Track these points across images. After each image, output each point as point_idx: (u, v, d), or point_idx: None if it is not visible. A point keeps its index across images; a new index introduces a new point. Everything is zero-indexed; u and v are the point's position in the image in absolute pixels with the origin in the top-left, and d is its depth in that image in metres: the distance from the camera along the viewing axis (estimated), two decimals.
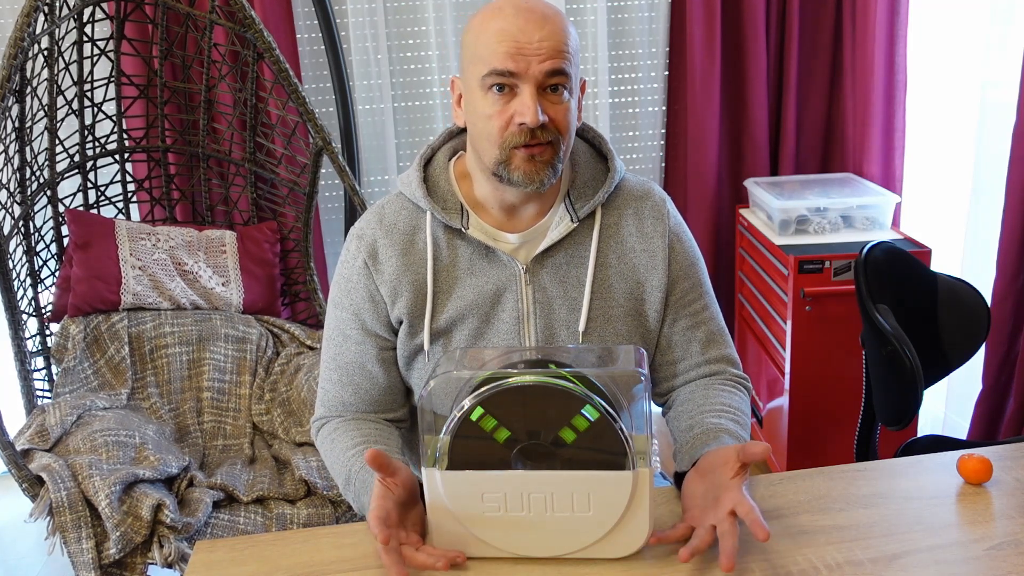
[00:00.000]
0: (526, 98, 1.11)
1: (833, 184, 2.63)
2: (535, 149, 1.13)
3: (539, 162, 1.14)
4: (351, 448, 1.20)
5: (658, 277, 1.25)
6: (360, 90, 2.68)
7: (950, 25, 2.58)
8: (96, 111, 2.42)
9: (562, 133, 1.15)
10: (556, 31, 1.11)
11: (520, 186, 1.16)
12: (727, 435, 1.14)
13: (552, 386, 0.97)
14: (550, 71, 1.11)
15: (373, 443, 1.20)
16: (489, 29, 1.12)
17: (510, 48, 1.10)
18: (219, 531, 1.80)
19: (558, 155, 1.15)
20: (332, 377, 1.29)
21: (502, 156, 1.14)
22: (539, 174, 1.15)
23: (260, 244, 2.53)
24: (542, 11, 1.12)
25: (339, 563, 1.05)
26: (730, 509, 0.97)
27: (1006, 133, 2.23)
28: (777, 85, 2.79)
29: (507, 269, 1.22)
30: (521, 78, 1.11)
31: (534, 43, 1.10)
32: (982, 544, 1.03)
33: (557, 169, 1.16)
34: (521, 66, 1.10)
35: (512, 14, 1.11)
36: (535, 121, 1.10)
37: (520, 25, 1.10)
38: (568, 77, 1.13)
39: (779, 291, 2.41)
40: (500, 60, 1.10)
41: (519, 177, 1.15)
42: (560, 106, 1.14)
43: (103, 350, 2.23)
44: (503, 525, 1.01)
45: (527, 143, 1.12)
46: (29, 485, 1.79)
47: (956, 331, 1.75)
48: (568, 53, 1.13)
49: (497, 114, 1.13)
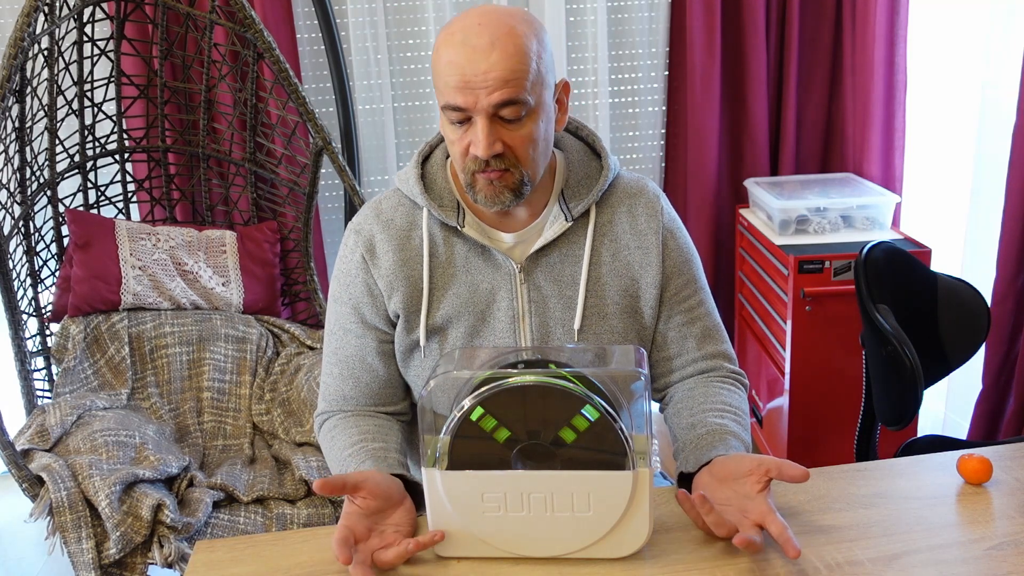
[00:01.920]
0: (478, 131, 1.10)
1: (833, 184, 2.63)
2: (493, 174, 1.14)
3: (499, 186, 1.15)
4: (348, 447, 1.20)
5: (653, 273, 1.25)
6: (360, 90, 2.68)
7: (950, 25, 2.58)
8: (96, 111, 2.42)
9: (521, 161, 1.14)
10: (504, 58, 1.07)
11: (485, 207, 1.17)
12: (733, 437, 1.14)
13: (552, 386, 0.97)
14: (499, 103, 1.09)
15: (371, 441, 1.20)
16: (442, 59, 1.10)
17: (458, 82, 1.08)
18: (219, 531, 1.80)
19: (521, 179, 1.15)
20: (333, 371, 1.29)
21: (466, 179, 1.16)
22: (500, 196, 1.16)
23: (260, 244, 2.53)
24: (492, 36, 1.07)
25: (339, 563, 1.05)
26: (757, 522, 0.98)
27: (1006, 133, 2.23)
28: (777, 85, 2.79)
29: (502, 268, 1.23)
30: (472, 111, 1.10)
31: (479, 75, 1.07)
32: (982, 544, 1.03)
33: (523, 191, 1.17)
34: (470, 100, 1.09)
35: (460, 43, 1.08)
36: (486, 154, 1.11)
37: (468, 55, 1.07)
38: (523, 104, 1.09)
39: (779, 291, 2.41)
40: (451, 95, 1.09)
41: (482, 199, 1.16)
42: (517, 133, 1.12)
43: (103, 350, 2.23)
44: (503, 525, 1.01)
45: (484, 169, 1.13)
46: (29, 485, 1.79)
47: (956, 331, 1.75)
48: (523, 78, 1.08)
49: (457, 140, 1.14)
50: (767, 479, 1.02)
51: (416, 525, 1.09)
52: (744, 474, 1.03)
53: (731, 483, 1.05)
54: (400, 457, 1.19)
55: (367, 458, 1.16)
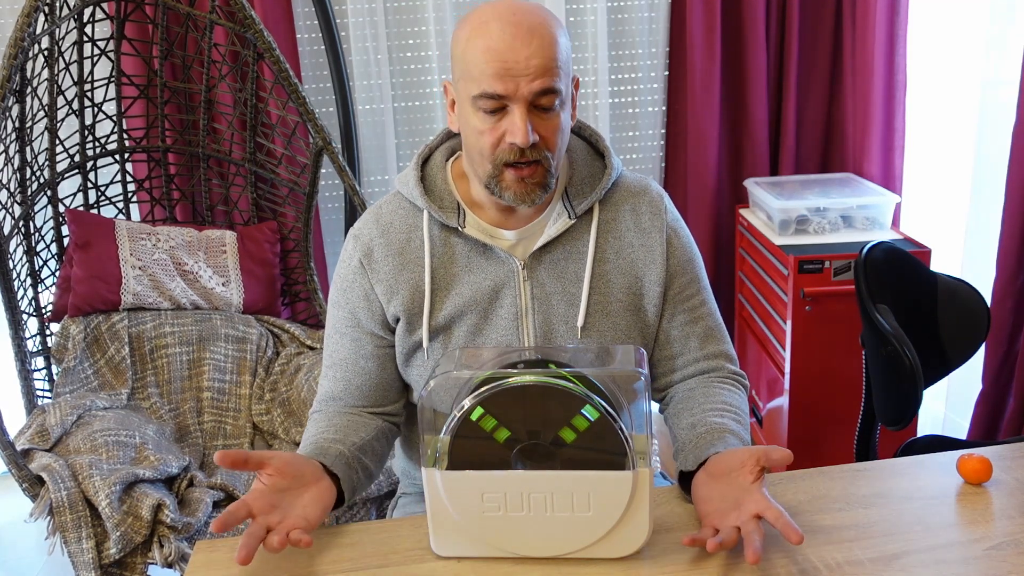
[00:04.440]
0: (516, 119, 1.10)
1: (833, 184, 2.63)
2: (524, 171, 1.13)
3: (529, 183, 1.15)
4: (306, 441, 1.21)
5: (656, 272, 1.25)
6: (360, 90, 2.68)
7: (950, 25, 2.59)
8: (96, 111, 2.42)
9: (551, 150, 1.14)
10: (544, 46, 1.08)
11: (510, 203, 1.17)
12: (731, 436, 1.14)
13: (552, 386, 0.97)
14: (540, 91, 1.09)
15: (328, 434, 1.20)
16: (476, 47, 1.09)
17: (498, 69, 1.08)
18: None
19: (549, 172, 1.15)
20: (328, 374, 1.30)
21: (494, 172, 1.15)
22: (530, 195, 1.16)
23: (260, 244, 2.53)
24: (528, 24, 1.09)
25: (339, 563, 1.05)
26: (755, 513, 0.97)
27: (1006, 133, 2.23)
28: (777, 85, 2.79)
29: (505, 266, 1.22)
30: (511, 99, 1.10)
31: (521, 62, 1.07)
32: (982, 544, 1.03)
33: (549, 186, 1.17)
34: (510, 87, 1.09)
35: (498, 31, 1.08)
36: (526, 142, 1.10)
37: (508, 43, 1.07)
38: (557, 93, 1.11)
39: (779, 291, 2.41)
40: (489, 83, 1.09)
41: (510, 196, 1.16)
42: (551, 123, 1.13)
43: (103, 350, 2.23)
44: (503, 525, 1.01)
45: (517, 161, 1.13)
46: (29, 485, 1.79)
47: (956, 331, 1.75)
48: (558, 67, 1.10)
49: (488, 131, 1.12)
50: (759, 468, 1.02)
51: (326, 511, 1.08)
52: (737, 467, 1.03)
53: (726, 477, 1.05)
54: (351, 452, 1.17)
55: (311, 449, 1.16)
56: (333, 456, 1.14)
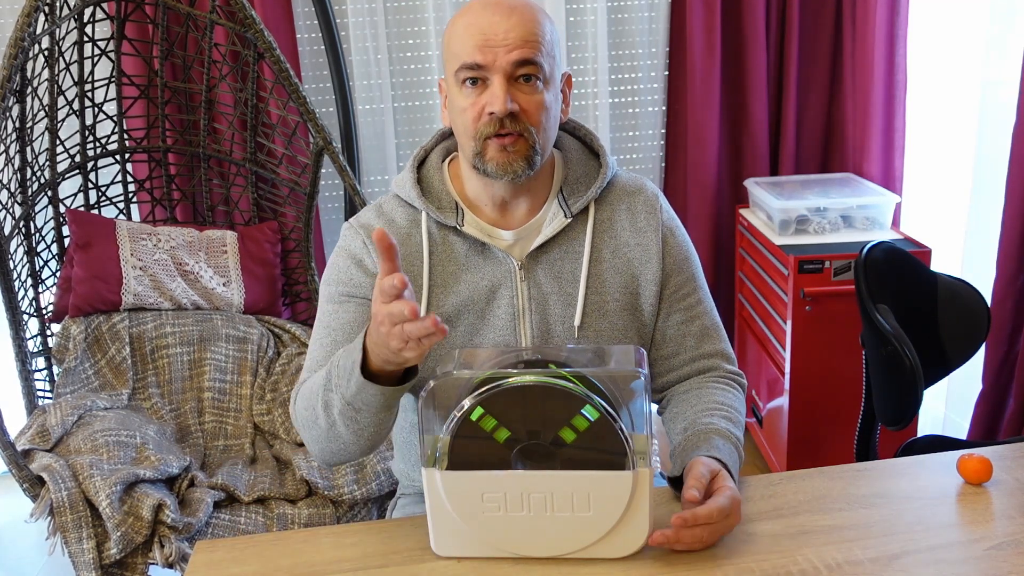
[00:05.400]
0: (495, 87, 1.13)
1: (833, 184, 2.63)
2: (506, 139, 1.14)
3: (511, 152, 1.15)
4: (332, 361, 1.10)
5: (652, 271, 1.26)
6: (360, 90, 2.68)
7: (950, 25, 2.58)
8: (97, 111, 2.42)
9: (533, 124, 1.15)
10: (524, 21, 1.13)
11: (495, 177, 1.17)
12: (717, 436, 1.15)
13: (552, 386, 0.97)
14: (518, 61, 1.13)
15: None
16: (458, 25, 1.15)
17: (478, 41, 1.12)
18: (220, 531, 1.80)
19: (533, 147, 1.16)
20: (317, 344, 1.23)
21: (477, 147, 1.16)
22: (512, 165, 1.16)
23: (261, 244, 2.53)
24: (509, 4, 1.14)
25: (339, 563, 1.05)
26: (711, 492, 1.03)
27: (1006, 133, 2.23)
28: (777, 85, 2.79)
29: (502, 266, 1.23)
30: (490, 70, 1.13)
31: (500, 34, 1.12)
32: (982, 544, 1.03)
33: (533, 162, 1.17)
34: (489, 57, 1.12)
35: (480, 8, 1.14)
36: (503, 110, 1.12)
37: (487, 17, 1.13)
38: (539, 67, 1.14)
39: (779, 291, 2.41)
40: (469, 53, 1.13)
41: (493, 168, 1.16)
42: (532, 97, 1.15)
43: (104, 350, 2.24)
44: (503, 525, 1.01)
45: (498, 132, 1.14)
46: (30, 485, 1.79)
47: (956, 331, 1.75)
48: (539, 43, 1.14)
49: (471, 106, 1.15)
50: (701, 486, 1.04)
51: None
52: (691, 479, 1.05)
53: None
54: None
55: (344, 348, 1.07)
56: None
